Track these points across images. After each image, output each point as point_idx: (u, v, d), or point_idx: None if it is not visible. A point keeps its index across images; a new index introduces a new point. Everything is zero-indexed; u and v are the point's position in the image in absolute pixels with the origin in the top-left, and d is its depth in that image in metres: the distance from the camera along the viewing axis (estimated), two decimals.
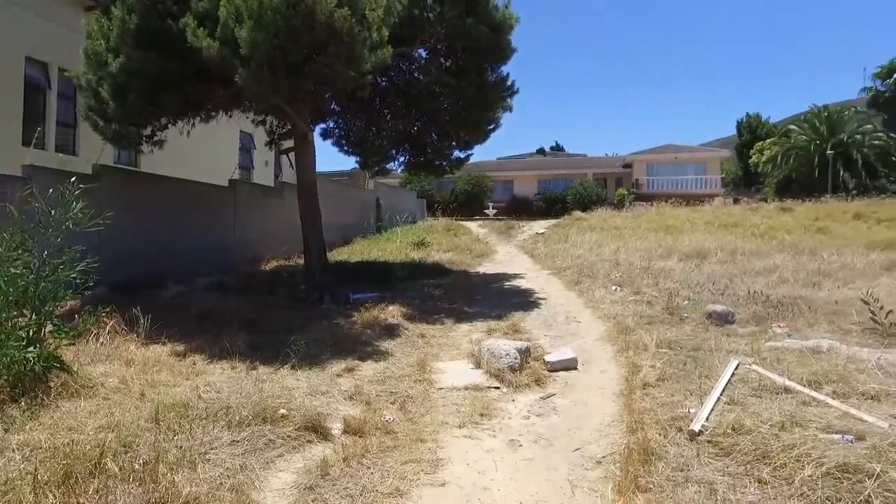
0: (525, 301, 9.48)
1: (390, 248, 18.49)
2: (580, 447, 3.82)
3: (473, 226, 28.64)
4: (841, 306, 7.34)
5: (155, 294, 9.05)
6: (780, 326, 6.61)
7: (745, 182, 40.64)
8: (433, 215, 33.96)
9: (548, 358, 5.72)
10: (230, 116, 11.31)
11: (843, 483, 2.85)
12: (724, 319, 6.88)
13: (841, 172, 29.12)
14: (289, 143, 12.02)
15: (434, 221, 29.47)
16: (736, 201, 28.57)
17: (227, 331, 6.78)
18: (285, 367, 5.44)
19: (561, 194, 36.54)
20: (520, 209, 36.05)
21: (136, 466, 3.10)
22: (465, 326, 7.73)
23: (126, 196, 10.29)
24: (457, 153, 13.87)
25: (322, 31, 7.17)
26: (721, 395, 4.34)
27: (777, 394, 4.34)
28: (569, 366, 5.61)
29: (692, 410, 4.04)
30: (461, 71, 11.28)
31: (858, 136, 30.22)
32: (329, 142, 14.00)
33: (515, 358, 5.42)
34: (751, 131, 41.35)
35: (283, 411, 4.15)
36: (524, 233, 25.23)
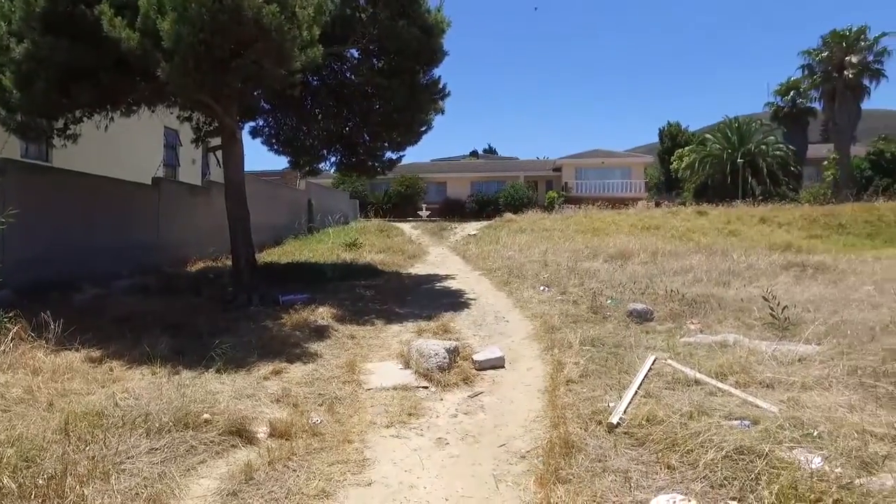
0: (456, 301, 9.61)
1: (322, 249, 18.22)
2: (506, 443, 3.94)
3: (406, 227, 28.67)
4: (746, 303, 7.88)
5: (68, 297, 8.51)
6: (693, 323, 7.03)
7: (666, 186, 42.75)
8: (366, 216, 33.72)
9: (476, 357, 5.84)
10: (153, 111, 10.81)
11: (738, 464, 3.10)
12: (643, 317, 7.25)
13: (749, 179, 31.20)
14: (217, 141, 11.62)
15: (367, 222, 29.27)
16: (658, 205, 30.01)
17: (148, 335, 6.49)
18: (210, 370, 5.28)
19: (493, 196, 37.19)
20: (453, 211, 36.39)
21: (40, 482, 2.92)
22: (395, 327, 7.75)
23: (35, 193, 9.61)
24: (389, 154, 13.88)
25: (250, 27, 7.00)
26: (638, 388, 4.59)
27: (688, 386, 4.63)
28: (496, 364, 5.74)
29: (611, 404, 4.25)
30: (393, 72, 11.29)
31: (763, 147, 32.49)
32: (259, 140, 13.66)
33: (444, 358, 5.50)
34: (671, 139, 43.54)
35: (206, 416, 4.03)
36: (456, 234, 25.50)
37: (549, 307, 8.18)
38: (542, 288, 9.75)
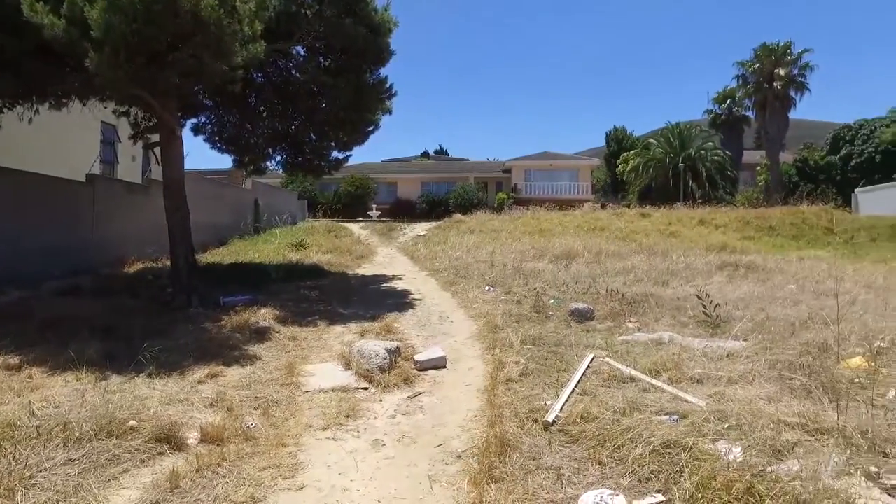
0: (401, 302, 9.57)
1: (268, 249, 17.83)
2: (443, 443, 3.93)
3: (355, 227, 28.40)
4: (682, 302, 8.18)
5: None
6: (631, 322, 7.23)
7: (612, 189, 43.93)
8: (315, 217, 33.20)
9: (418, 357, 5.83)
10: (84, 104, 10.30)
11: (665, 457, 3.20)
12: (584, 316, 7.40)
13: (690, 183, 32.43)
14: (157, 138, 11.20)
15: (315, 223, 28.84)
16: (603, 206, 30.80)
17: (76, 339, 6.18)
18: (141, 375, 5.06)
19: (443, 197, 37.26)
20: (403, 211, 36.29)
21: None
22: (338, 328, 7.65)
23: None
24: (335, 153, 13.69)
25: (187, 20, 6.76)
26: (576, 386, 4.68)
27: (624, 383, 4.76)
28: (438, 364, 5.74)
29: (548, 402, 4.32)
30: (339, 71, 11.16)
31: (703, 152, 33.85)
32: (201, 138, 13.23)
33: (385, 358, 5.46)
34: (618, 142, 44.78)
35: (132, 423, 3.86)
36: (405, 235, 25.43)
37: (493, 307, 8.25)
38: (487, 288, 9.83)
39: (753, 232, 21.18)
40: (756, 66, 34.90)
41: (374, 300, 9.85)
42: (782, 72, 33.65)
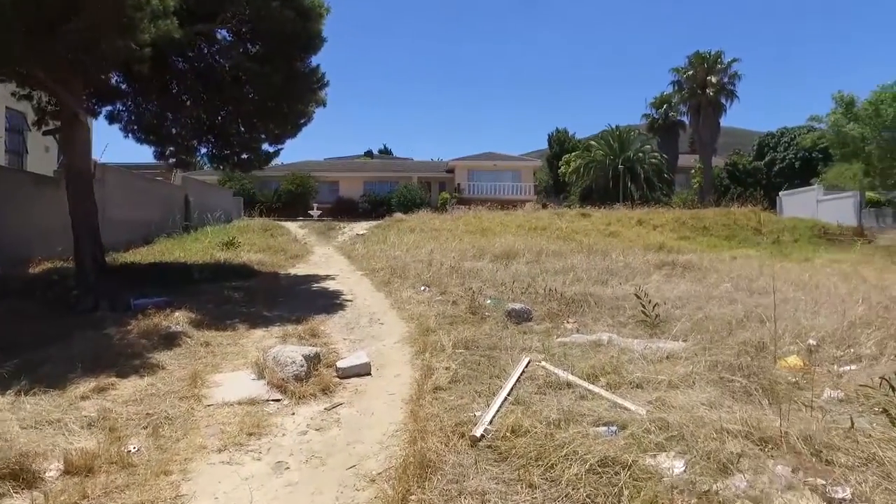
0: (331, 303, 9.00)
1: (196, 248, 16.77)
2: (356, 464, 3.46)
3: (294, 226, 27.42)
4: (621, 301, 8.00)
5: None
6: (570, 322, 6.96)
7: (554, 190, 44.42)
8: (254, 215, 31.86)
9: (340, 364, 5.32)
10: None
11: (602, 478, 2.85)
12: (522, 317, 7.07)
13: (629, 184, 33.09)
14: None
15: (251, 221, 27.61)
16: (545, 207, 30.98)
17: None
18: (8, 393, 4.34)
19: (386, 197, 36.63)
20: (345, 211, 35.43)
21: None
22: (259, 332, 7.03)
23: None
24: (266, 147, 12.94)
25: None
26: (508, 394, 4.30)
27: (560, 389, 4.42)
28: (361, 371, 5.25)
29: (478, 413, 3.92)
30: (268, 58, 10.46)
31: (641, 155, 34.64)
32: (117, 126, 12.17)
33: (302, 366, 4.93)
34: (560, 144, 45.31)
35: None
36: (345, 234, 24.72)
37: (427, 308, 7.82)
38: (422, 288, 9.39)
39: (689, 232, 21.68)
40: (690, 72, 36.06)
41: (303, 301, 9.23)
42: (714, 79, 34.88)
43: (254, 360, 5.41)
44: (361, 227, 26.10)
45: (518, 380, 4.68)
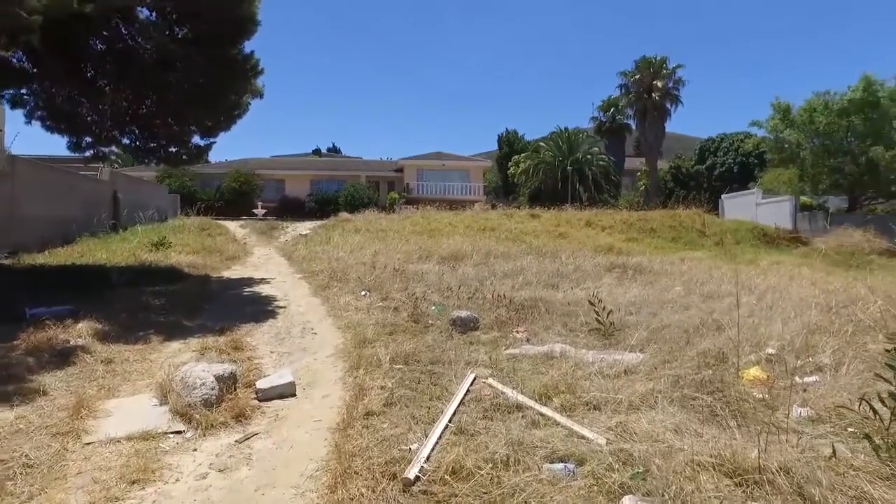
0: (261, 310, 8.23)
1: (122, 249, 15.50)
2: None
3: (234, 225, 26.18)
4: (573, 307, 7.60)
5: None
6: (519, 331, 6.48)
7: (503, 191, 44.37)
8: (194, 214, 30.23)
9: (260, 384, 4.64)
10: None
11: None
12: (468, 326, 6.55)
13: (577, 186, 33.29)
14: None
15: (188, 220, 26.12)
16: (493, 207, 30.71)
17: None
18: None
19: (334, 196, 35.65)
20: (291, 210, 34.21)
21: None
22: (175, 345, 6.23)
23: None
24: (197, 140, 12.01)
25: None
26: (450, 420, 3.75)
27: (509, 412, 3.91)
28: (285, 392, 4.59)
29: (414, 446, 3.35)
30: (195, 42, 9.60)
31: (589, 157, 34.95)
32: (21, 112, 10.97)
33: (213, 388, 4.23)
34: (509, 145, 45.30)
35: None
36: (288, 234, 23.71)
37: (365, 315, 7.19)
38: (363, 293, 8.74)
39: (636, 234, 21.78)
40: (637, 77, 36.64)
41: (231, 308, 8.42)
42: (660, 84, 35.56)
43: (159, 382, 4.66)
44: (306, 226, 25.13)
45: (462, 401, 4.14)
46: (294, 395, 4.62)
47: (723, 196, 30.14)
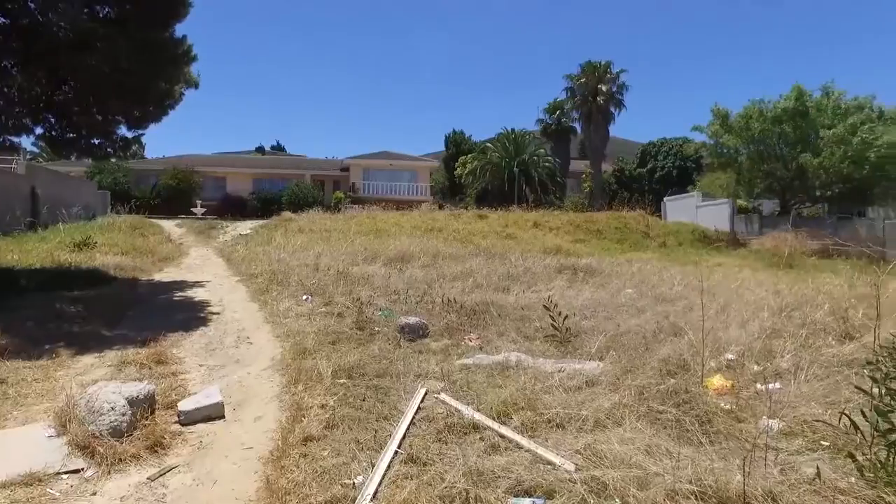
0: (192, 317, 7.54)
1: (39, 249, 14.22)
2: None
3: (170, 225, 24.83)
4: (526, 311, 7.33)
5: None
6: (472, 339, 6.12)
7: (451, 191, 44.10)
8: (127, 212, 28.45)
9: (183, 405, 4.07)
10: None
11: None
12: (417, 333, 6.14)
13: (524, 187, 33.40)
14: None
15: (119, 218, 24.54)
16: (441, 207, 30.43)
17: None
18: None
19: (277, 194, 34.48)
20: (233, 208, 32.82)
21: None
22: (88, 359, 5.53)
23: None
24: (124, 132, 11.05)
25: None
26: (400, 446, 3.33)
27: (465, 433, 3.53)
28: (212, 414, 4.05)
29: (358, 480, 2.91)
30: (120, 21, 8.76)
31: (535, 158, 35.16)
32: None
33: (124, 413, 3.65)
34: (456, 146, 45.05)
35: None
36: (227, 233, 22.62)
37: (307, 322, 6.65)
38: (304, 297, 8.18)
39: (583, 235, 21.93)
40: (582, 80, 37.13)
41: (159, 315, 7.69)
42: (604, 88, 36.15)
43: (60, 407, 4.01)
44: (247, 226, 24.08)
45: (412, 421, 3.73)
46: (222, 416, 4.08)
47: (665, 199, 30.90)
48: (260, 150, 67.42)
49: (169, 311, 7.95)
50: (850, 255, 18.61)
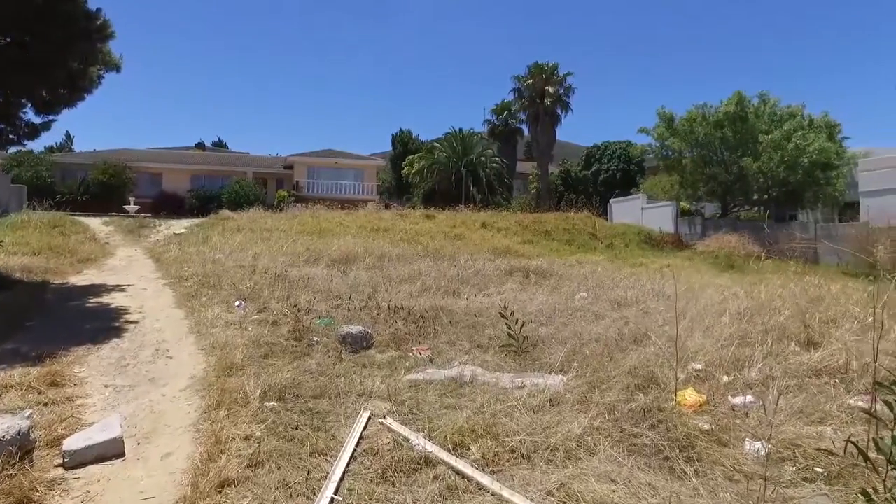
0: (105, 327, 6.64)
1: None
2: None
3: (97, 222, 23.05)
4: (478, 318, 6.85)
5: None
6: (421, 349, 5.56)
7: (398, 191, 43.39)
8: (47, 209, 26.25)
9: (69, 443, 3.33)
10: None
11: None
12: (360, 344, 5.54)
13: (471, 187, 33.12)
14: None
15: (37, 215, 22.61)
16: (387, 207, 29.75)
17: None
18: None
19: (217, 192, 32.86)
20: (169, 206, 31.02)
21: None
22: None
23: None
24: (31, 117, 9.92)
25: None
26: (338, 490, 2.75)
27: (416, 470, 2.98)
28: (107, 452, 3.33)
29: None
30: None
31: (483, 158, 34.95)
32: None
33: None
34: (403, 145, 44.40)
35: None
36: (161, 232, 21.17)
37: (237, 332, 5.92)
38: (237, 303, 7.41)
39: (532, 236, 21.72)
40: (530, 82, 37.20)
41: (66, 325, 6.75)
42: (551, 90, 36.33)
43: None
44: (182, 224, 22.63)
45: (353, 455, 3.15)
46: (122, 455, 3.36)
47: (611, 200, 31.25)
48: (200, 146, 64.72)
49: (78, 321, 7.00)
50: (787, 256, 19.21)
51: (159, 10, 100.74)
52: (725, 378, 4.77)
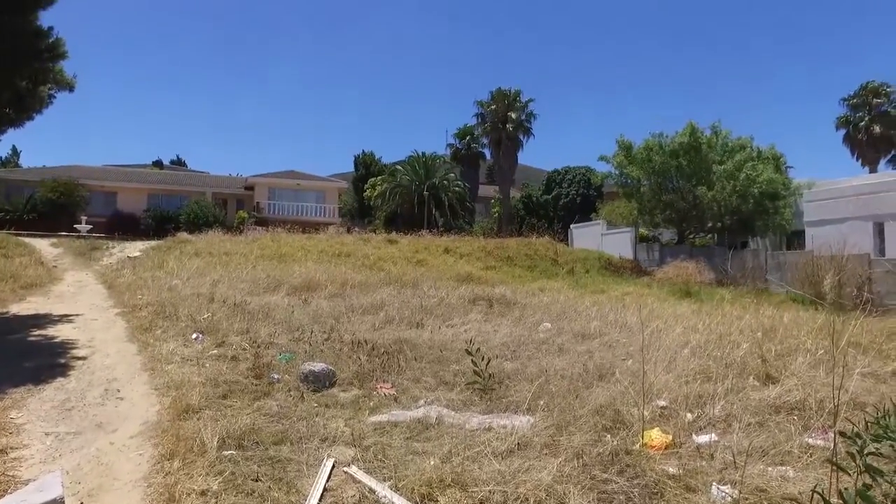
0: (49, 364, 6.28)
1: None
2: None
3: (45, 244, 22.16)
4: (443, 352, 6.77)
5: None
6: (386, 387, 5.44)
7: (360, 213, 43.17)
8: None
9: None
10: None
11: None
12: (322, 382, 5.38)
13: (434, 211, 33.26)
14: None
15: None
16: (349, 230, 29.52)
17: None
18: None
19: (175, 213, 32.06)
20: (124, 227, 30.07)
21: None
22: None
23: None
24: None
25: None
26: None
27: None
28: None
29: None
30: None
31: (445, 182, 35.21)
32: None
33: None
34: (366, 167, 44.33)
35: None
36: (114, 255, 20.47)
37: (194, 369, 5.68)
38: (194, 336, 7.14)
39: (494, 262, 21.85)
40: (493, 107, 37.85)
41: (3, 362, 6.31)
42: (514, 115, 37.04)
43: None
44: (137, 247, 21.94)
45: None
46: None
47: (572, 226, 31.80)
48: (158, 164, 63.09)
49: (18, 357, 6.59)
50: (739, 283, 19.85)
51: (117, 23, 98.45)
52: (689, 416, 4.81)
